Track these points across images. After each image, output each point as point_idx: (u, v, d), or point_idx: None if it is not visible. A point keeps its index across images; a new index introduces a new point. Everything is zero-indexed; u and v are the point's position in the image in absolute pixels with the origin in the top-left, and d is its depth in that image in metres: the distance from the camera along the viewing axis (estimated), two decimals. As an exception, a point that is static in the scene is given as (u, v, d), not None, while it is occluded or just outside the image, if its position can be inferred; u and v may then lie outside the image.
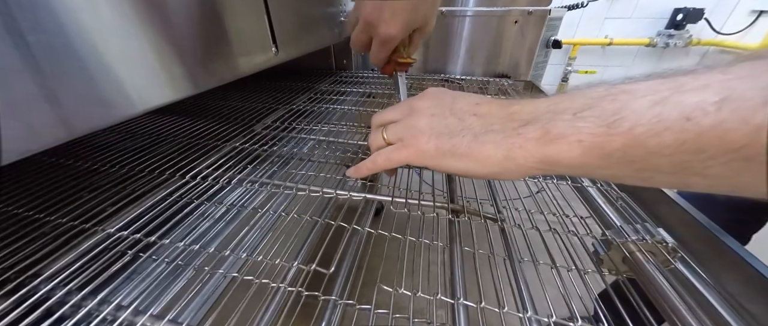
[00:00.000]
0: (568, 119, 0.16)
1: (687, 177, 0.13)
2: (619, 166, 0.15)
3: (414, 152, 0.22)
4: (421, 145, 0.21)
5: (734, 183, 0.12)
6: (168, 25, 0.22)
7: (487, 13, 0.63)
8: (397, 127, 0.24)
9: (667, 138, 0.13)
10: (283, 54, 0.38)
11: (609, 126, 0.14)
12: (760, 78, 0.11)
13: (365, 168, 0.26)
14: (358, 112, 0.48)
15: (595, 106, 0.15)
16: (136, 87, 0.21)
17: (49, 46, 0.15)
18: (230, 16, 0.29)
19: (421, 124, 0.22)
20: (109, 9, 0.18)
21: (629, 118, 0.13)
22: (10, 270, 0.21)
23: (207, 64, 0.27)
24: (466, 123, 0.20)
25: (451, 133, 0.20)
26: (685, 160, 0.13)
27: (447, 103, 0.22)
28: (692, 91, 0.12)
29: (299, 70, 0.74)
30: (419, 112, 0.23)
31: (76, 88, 0.17)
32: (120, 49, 0.19)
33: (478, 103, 0.21)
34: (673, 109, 0.12)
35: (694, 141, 0.12)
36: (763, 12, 1.10)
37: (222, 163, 0.33)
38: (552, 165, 0.17)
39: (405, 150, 0.22)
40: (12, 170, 0.33)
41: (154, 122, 0.46)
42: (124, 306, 0.19)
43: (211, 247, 0.23)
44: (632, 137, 0.13)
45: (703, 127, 0.12)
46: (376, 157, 0.24)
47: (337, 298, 0.20)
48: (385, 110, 0.26)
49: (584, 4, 1.13)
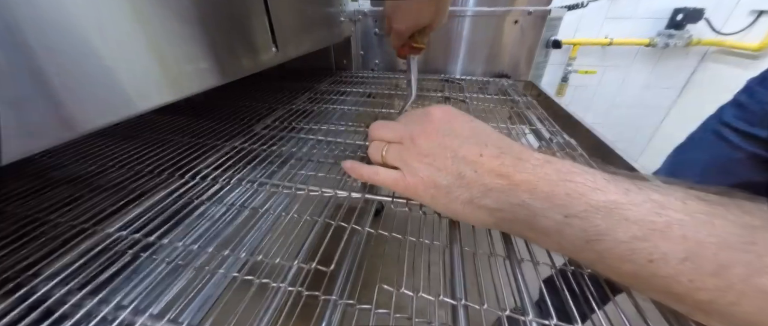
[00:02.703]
0: (560, 220, 0.17)
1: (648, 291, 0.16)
2: (591, 264, 0.17)
3: (412, 193, 0.23)
4: (420, 191, 0.22)
5: None
6: (168, 24, 0.22)
7: (487, 13, 0.63)
8: (396, 156, 0.24)
9: (627, 268, 0.15)
10: (282, 54, 0.38)
11: (587, 241, 0.16)
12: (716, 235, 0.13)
13: (366, 175, 0.26)
14: (357, 111, 0.48)
15: (586, 219, 0.16)
16: (135, 86, 0.21)
17: (49, 45, 0.15)
18: (230, 15, 0.29)
19: (421, 172, 0.22)
20: (109, 8, 0.18)
21: (606, 242, 0.15)
22: (9, 270, 0.21)
23: (206, 63, 0.27)
24: (465, 180, 0.20)
25: (449, 187, 0.20)
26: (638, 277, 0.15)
27: (449, 147, 0.21)
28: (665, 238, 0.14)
29: (299, 70, 0.74)
30: (418, 151, 0.22)
31: (76, 87, 0.17)
32: (119, 48, 0.19)
33: (482, 154, 0.20)
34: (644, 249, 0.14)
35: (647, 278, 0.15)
36: (764, 12, 1.10)
37: (221, 162, 0.33)
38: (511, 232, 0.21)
39: (402, 183, 0.23)
40: (11, 170, 0.33)
41: (153, 121, 0.46)
42: (124, 306, 0.19)
43: (211, 247, 0.23)
44: (600, 257, 0.16)
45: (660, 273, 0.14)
46: (378, 172, 0.24)
47: (337, 298, 0.20)
48: (384, 126, 0.26)
49: (584, 4, 1.13)
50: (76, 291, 0.19)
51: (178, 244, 0.23)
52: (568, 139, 0.38)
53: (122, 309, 0.18)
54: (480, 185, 0.19)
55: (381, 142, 0.25)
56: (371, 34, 0.71)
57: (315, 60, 0.74)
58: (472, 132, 0.22)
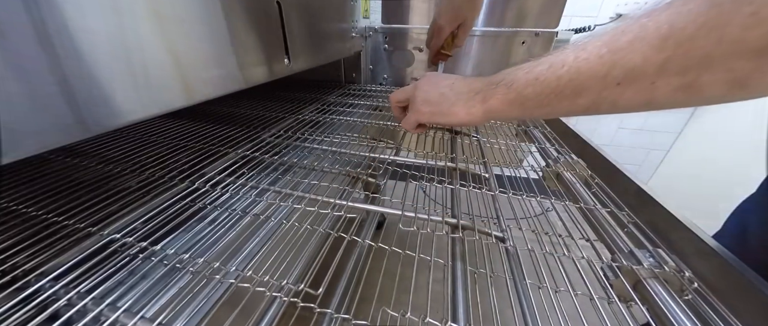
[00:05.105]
0: (493, 88, 0.28)
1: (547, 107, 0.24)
2: (520, 107, 0.26)
3: (420, 116, 0.36)
4: (424, 110, 0.35)
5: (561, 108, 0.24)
6: (186, 33, 0.23)
7: (495, 33, 0.64)
8: (410, 105, 0.38)
9: (530, 90, 0.25)
10: (294, 65, 0.39)
11: (507, 88, 0.27)
12: None
13: (402, 124, 0.39)
14: (364, 124, 0.49)
15: (504, 79, 0.27)
16: (151, 90, 0.21)
17: (71, 47, 0.16)
18: (245, 26, 0.30)
19: (419, 101, 0.35)
20: (131, 17, 0.19)
21: (516, 82, 0.26)
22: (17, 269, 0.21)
23: (221, 71, 0.27)
24: (445, 96, 0.33)
25: (439, 102, 0.33)
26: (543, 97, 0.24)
27: (435, 83, 0.35)
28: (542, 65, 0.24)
29: (309, 81, 0.76)
30: (420, 90, 0.36)
31: (91, 89, 0.18)
32: (138, 51, 0.20)
33: (453, 82, 0.33)
34: (530, 75, 0.25)
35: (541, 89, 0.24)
36: None
37: (228, 168, 0.34)
38: (490, 113, 0.29)
39: (414, 116, 0.36)
40: (11, 170, 0.34)
41: (164, 125, 0.47)
42: (118, 307, 0.18)
43: (211, 254, 0.22)
44: (517, 91, 0.26)
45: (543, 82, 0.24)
46: (404, 124, 0.39)
47: (333, 312, 0.19)
48: (399, 90, 0.40)
49: (591, 27, 1.15)
50: (75, 291, 0.19)
51: (179, 251, 0.23)
52: (576, 159, 0.37)
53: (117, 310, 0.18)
54: (454, 95, 0.32)
55: (398, 103, 0.40)
56: (381, 50, 0.72)
57: (325, 72, 0.76)
58: (445, 76, 0.35)
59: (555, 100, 0.23)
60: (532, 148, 0.43)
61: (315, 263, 0.22)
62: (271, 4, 0.33)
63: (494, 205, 0.31)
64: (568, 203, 0.31)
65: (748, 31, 0.14)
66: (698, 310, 0.19)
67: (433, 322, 0.19)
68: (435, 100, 0.33)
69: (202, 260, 0.22)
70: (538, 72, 0.24)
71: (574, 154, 0.39)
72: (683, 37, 0.16)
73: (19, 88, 0.14)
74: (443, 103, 0.32)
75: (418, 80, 0.38)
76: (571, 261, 0.24)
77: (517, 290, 0.22)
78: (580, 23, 1.16)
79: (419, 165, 0.37)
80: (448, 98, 0.32)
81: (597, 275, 0.23)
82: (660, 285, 0.20)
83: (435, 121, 0.35)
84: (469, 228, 0.27)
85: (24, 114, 0.15)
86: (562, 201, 0.31)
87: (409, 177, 0.34)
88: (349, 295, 0.21)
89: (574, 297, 0.21)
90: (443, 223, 0.27)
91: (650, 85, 0.18)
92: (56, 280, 0.20)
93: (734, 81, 0.16)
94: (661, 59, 0.17)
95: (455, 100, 0.32)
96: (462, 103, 0.31)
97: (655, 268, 0.21)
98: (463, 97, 0.31)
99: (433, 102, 0.33)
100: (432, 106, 0.34)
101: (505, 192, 0.33)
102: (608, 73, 0.20)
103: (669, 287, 0.20)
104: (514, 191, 0.33)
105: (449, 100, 0.32)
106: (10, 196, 0.29)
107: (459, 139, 0.46)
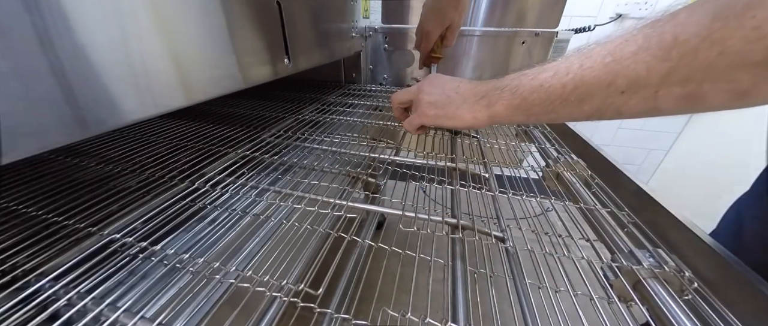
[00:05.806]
0: (498, 93, 0.28)
1: (552, 113, 0.25)
2: (525, 113, 0.27)
3: (424, 118, 0.36)
4: (429, 113, 0.35)
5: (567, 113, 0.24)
6: (186, 34, 0.23)
7: (495, 33, 0.64)
8: (413, 107, 0.38)
9: (535, 96, 0.25)
10: (294, 65, 0.39)
11: (512, 93, 0.27)
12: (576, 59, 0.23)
13: (405, 126, 0.39)
14: (364, 124, 0.49)
15: (508, 84, 0.28)
16: (151, 90, 0.21)
17: (71, 47, 0.16)
18: (246, 27, 0.30)
19: (423, 104, 0.35)
20: (131, 17, 0.19)
21: (521, 88, 0.26)
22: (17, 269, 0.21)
23: (221, 71, 0.27)
24: (451, 99, 0.33)
25: (444, 105, 0.33)
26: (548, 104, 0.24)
27: (440, 85, 0.35)
28: (547, 72, 0.24)
29: (309, 81, 0.76)
30: (424, 93, 0.36)
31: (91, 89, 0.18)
32: (140, 55, 0.20)
33: (458, 84, 0.33)
34: (535, 82, 0.25)
35: (545, 95, 0.24)
36: None
37: (228, 168, 0.34)
38: (495, 118, 0.29)
39: (418, 118, 0.36)
40: (11, 170, 0.34)
41: (164, 125, 0.47)
42: (118, 307, 0.18)
43: (211, 254, 0.22)
44: (522, 97, 0.26)
45: (548, 89, 0.24)
46: (406, 125, 0.39)
47: (333, 312, 0.19)
48: (401, 91, 0.41)
49: (591, 28, 1.15)
50: (75, 291, 0.19)
51: (178, 251, 0.23)
52: (576, 159, 0.37)
53: (117, 310, 0.18)
54: (460, 99, 0.32)
55: (400, 104, 0.41)
56: (381, 50, 0.72)
57: (325, 72, 0.76)
58: (450, 79, 0.35)
59: (560, 107, 0.24)
60: (532, 148, 0.43)
61: (315, 263, 0.22)
62: (271, 4, 0.33)
63: (494, 205, 0.31)
64: (568, 203, 0.31)
65: (750, 45, 0.15)
66: (698, 310, 0.19)
67: (433, 322, 0.19)
68: (441, 103, 0.33)
69: (202, 260, 0.22)
70: (542, 78, 0.24)
71: (574, 154, 0.39)
72: (687, 48, 0.17)
73: (19, 87, 0.14)
74: (449, 106, 0.32)
75: (419, 81, 0.38)
76: (571, 261, 0.24)
77: (517, 290, 0.22)
78: (580, 23, 1.16)
79: (419, 166, 0.37)
80: (454, 101, 0.32)
81: (597, 275, 0.23)
82: (660, 285, 0.20)
83: (439, 124, 0.35)
84: (469, 228, 0.27)
85: (24, 114, 0.15)
86: (562, 202, 0.31)
87: (409, 178, 0.34)
88: (349, 295, 0.21)
89: (574, 297, 0.21)
90: (443, 223, 0.27)
91: (654, 93, 0.19)
92: (56, 280, 0.20)
93: (736, 91, 0.16)
94: (665, 70, 0.18)
95: (461, 104, 0.32)
96: (468, 106, 0.31)
97: (655, 268, 0.21)
98: (469, 101, 0.31)
99: (439, 105, 0.33)
100: (437, 109, 0.34)
101: (505, 192, 0.33)
102: (613, 82, 0.20)
103: (669, 287, 0.20)
104: (514, 191, 0.33)
105: (455, 103, 0.32)
106: (10, 196, 0.29)
107: (459, 139, 0.46)
